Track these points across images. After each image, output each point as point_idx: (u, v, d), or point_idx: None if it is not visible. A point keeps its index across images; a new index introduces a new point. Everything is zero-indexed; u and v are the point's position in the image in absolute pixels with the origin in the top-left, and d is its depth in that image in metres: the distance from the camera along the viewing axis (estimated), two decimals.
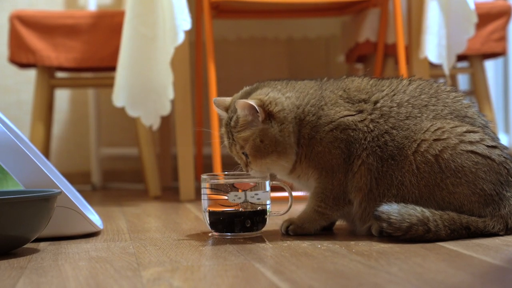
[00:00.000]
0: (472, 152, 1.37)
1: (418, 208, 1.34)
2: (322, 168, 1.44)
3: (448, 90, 1.46)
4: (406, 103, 1.42)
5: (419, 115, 1.41)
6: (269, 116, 1.42)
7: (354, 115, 1.43)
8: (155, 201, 2.37)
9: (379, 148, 1.40)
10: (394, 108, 1.42)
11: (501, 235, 1.37)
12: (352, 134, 1.42)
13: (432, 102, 1.43)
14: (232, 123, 1.45)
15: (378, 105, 1.43)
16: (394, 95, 1.44)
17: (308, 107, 1.44)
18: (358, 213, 1.44)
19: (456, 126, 1.39)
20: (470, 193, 1.37)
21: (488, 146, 1.39)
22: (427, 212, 1.34)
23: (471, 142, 1.38)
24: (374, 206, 1.39)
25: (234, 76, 3.07)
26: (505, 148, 1.43)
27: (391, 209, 1.34)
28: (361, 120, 1.42)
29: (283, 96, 1.45)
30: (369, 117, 1.42)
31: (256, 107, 1.41)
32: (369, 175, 1.40)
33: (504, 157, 1.40)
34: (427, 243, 1.32)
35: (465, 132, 1.39)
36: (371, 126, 1.41)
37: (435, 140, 1.38)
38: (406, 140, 1.39)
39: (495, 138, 1.43)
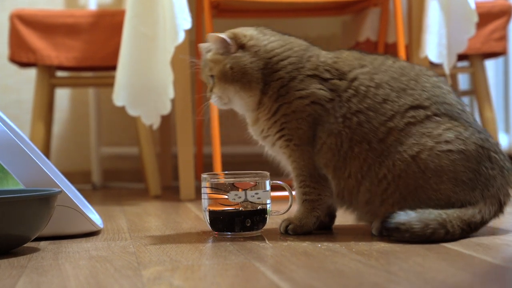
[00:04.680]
0: (449, 151, 1.36)
1: (434, 211, 1.33)
2: (289, 138, 1.45)
3: (430, 74, 1.45)
4: (385, 84, 1.41)
5: (396, 99, 1.40)
6: (242, 47, 1.46)
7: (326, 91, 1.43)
8: (155, 200, 2.37)
9: (349, 129, 1.39)
10: (372, 88, 1.41)
11: (499, 216, 1.38)
12: (319, 112, 1.42)
13: (411, 86, 1.41)
14: (208, 50, 1.50)
15: (356, 83, 1.42)
16: (374, 73, 1.43)
17: (284, 62, 1.46)
18: (340, 194, 1.43)
19: (432, 129, 1.37)
20: (452, 186, 1.36)
21: (463, 138, 1.37)
22: (443, 214, 1.33)
23: (446, 142, 1.36)
24: (354, 186, 1.39)
25: None
26: (481, 131, 1.40)
27: (410, 218, 1.31)
28: (331, 100, 1.42)
29: (263, 36, 1.48)
30: (337, 98, 1.41)
31: (228, 39, 1.45)
32: (329, 153, 1.41)
33: (480, 139, 1.38)
34: (432, 243, 1.32)
35: (441, 133, 1.37)
36: (337, 107, 1.41)
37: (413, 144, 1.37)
38: (383, 127, 1.38)
39: (471, 123, 1.40)
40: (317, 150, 1.43)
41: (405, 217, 1.32)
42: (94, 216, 1.66)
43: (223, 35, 1.46)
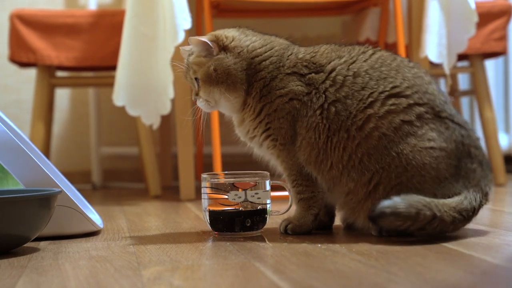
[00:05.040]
0: (431, 148, 1.36)
1: (417, 196, 1.32)
2: (275, 138, 1.45)
3: (411, 66, 1.44)
4: (364, 73, 1.41)
5: (375, 87, 1.39)
6: (225, 49, 1.47)
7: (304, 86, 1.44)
8: (155, 200, 2.37)
9: (326, 119, 1.39)
10: (349, 77, 1.41)
11: (485, 204, 1.38)
12: (297, 107, 1.42)
13: (391, 75, 1.40)
14: (190, 53, 1.51)
15: (333, 74, 1.42)
16: (352, 63, 1.43)
17: (266, 62, 1.47)
18: (330, 189, 1.43)
19: (417, 128, 1.37)
20: (435, 185, 1.36)
21: (445, 138, 1.37)
22: (426, 198, 1.32)
23: (429, 140, 1.36)
24: (337, 177, 1.39)
25: None
26: (463, 125, 1.40)
27: (394, 202, 1.31)
28: (307, 93, 1.42)
29: (245, 37, 1.49)
30: (314, 91, 1.42)
31: (209, 42, 1.46)
32: (309, 147, 1.41)
33: (461, 135, 1.38)
34: (432, 238, 1.32)
35: (424, 133, 1.37)
36: (314, 99, 1.41)
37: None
38: (361, 114, 1.37)
39: (454, 115, 1.40)
40: (298, 147, 1.43)
41: (389, 202, 1.31)
42: (94, 216, 1.66)
43: (204, 38, 1.47)
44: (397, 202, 1.31)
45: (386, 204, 1.31)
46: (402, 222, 1.31)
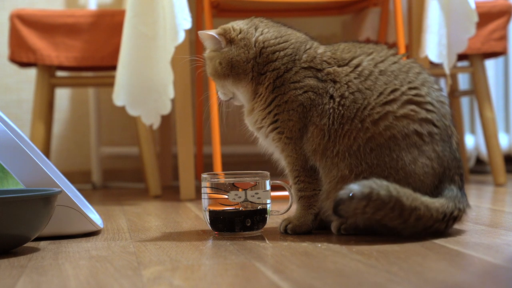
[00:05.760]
0: (426, 165, 1.37)
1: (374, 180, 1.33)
2: (281, 131, 1.46)
3: (437, 88, 1.44)
4: (389, 73, 1.41)
5: (398, 85, 1.40)
6: (232, 42, 1.48)
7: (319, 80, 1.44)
8: (155, 200, 2.37)
9: (342, 106, 1.40)
10: (375, 73, 1.41)
11: (459, 216, 1.38)
12: (312, 97, 1.43)
13: (417, 83, 1.41)
14: (205, 47, 1.54)
15: (359, 68, 1.42)
16: (380, 62, 1.43)
17: (280, 54, 1.47)
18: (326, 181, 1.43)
19: (423, 144, 1.38)
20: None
21: (439, 162, 1.38)
22: (385, 181, 1.32)
23: (427, 158, 1.37)
24: (336, 163, 1.39)
25: None
26: (457, 157, 1.42)
27: (350, 186, 1.30)
28: (324, 87, 1.43)
29: (255, 30, 1.49)
30: (331, 84, 1.42)
31: (216, 36, 1.48)
32: (320, 135, 1.41)
33: (453, 164, 1.40)
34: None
35: (427, 150, 1.38)
36: (331, 89, 1.41)
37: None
38: (379, 108, 1.38)
39: (455, 149, 1.42)
40: (307, 137, 1.43)
41: (345, 189, 1.31)
42: (94, 216, 1.66)
43: (211, 32, 1.48)
44: (351, 186, 1.31)
45: (342, 191, 1.31)
46: (357, 203, 1.30)
